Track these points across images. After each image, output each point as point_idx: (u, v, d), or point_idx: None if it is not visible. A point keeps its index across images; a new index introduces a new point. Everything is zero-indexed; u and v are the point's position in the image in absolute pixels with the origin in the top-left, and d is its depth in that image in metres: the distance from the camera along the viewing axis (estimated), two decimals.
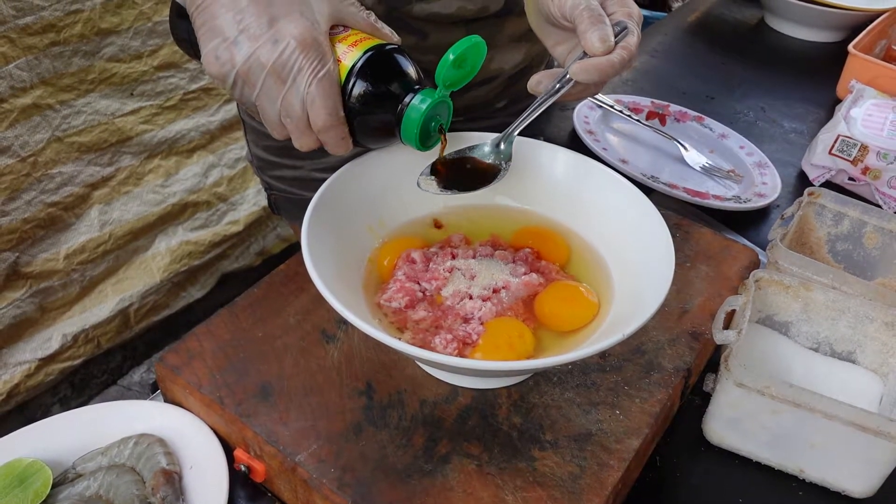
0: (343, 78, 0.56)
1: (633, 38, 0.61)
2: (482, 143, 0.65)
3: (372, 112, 0.57)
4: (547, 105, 0.62)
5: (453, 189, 0.62)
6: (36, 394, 1.70)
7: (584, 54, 0.60)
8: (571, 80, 0.60)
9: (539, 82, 0.63)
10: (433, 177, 0.63)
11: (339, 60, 0.56)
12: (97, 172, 1.67)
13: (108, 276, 1.78)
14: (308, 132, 0.56)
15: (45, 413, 1.67)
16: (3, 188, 1.50)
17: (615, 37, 0.60)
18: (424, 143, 0.60)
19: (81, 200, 1.67)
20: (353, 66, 0.56)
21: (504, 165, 0.64)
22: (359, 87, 0.56)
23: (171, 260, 1.85)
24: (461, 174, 0.64)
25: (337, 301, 0.50)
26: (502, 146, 0.64)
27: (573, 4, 0.61)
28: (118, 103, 1.65)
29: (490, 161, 0.64)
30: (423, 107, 0.57)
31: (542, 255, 0.64)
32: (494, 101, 0.93)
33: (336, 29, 0.57)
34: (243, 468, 0.56)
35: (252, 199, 1.99)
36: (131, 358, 1.92)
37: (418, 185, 0.62)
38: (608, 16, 0.61)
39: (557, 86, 0.61)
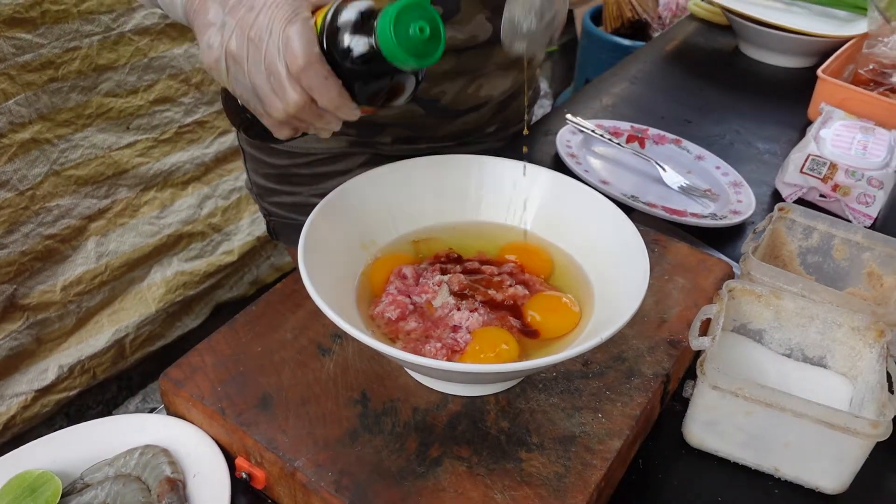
0: (319, 27, 0.54)
1: None
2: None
3: (350, 43, 0.54)
4: None
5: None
6: (31, 425, 1.71)
7: None
8: None
9: None
10: None
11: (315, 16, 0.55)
12: (94, 205, 1.71)
13: (104, 307, 1.80)
14: (291, 82, 0.55)
15: None
16: (1, 221, 1.53)
17: None
18: (413, 54, 0.53)
19: (78, 233, 1.70)
20: (329, 8, 0.54)
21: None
22: (333, 22, 0.54)
23: (166, 290, 1.88)
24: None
25: (332, 312, 0.53)
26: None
27: None
28: (115, 137, 1.69)
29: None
30: (392, 8, 0.53)
31: (526, 268, 0.67)
32: (485, 127, 0.98)
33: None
34: (244, 476, 0.59)
35: (246, 230, 2.03)
36: (126, 388, 1.94)
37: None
38: None
39: None
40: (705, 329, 0.67)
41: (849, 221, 0.92)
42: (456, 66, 0.87)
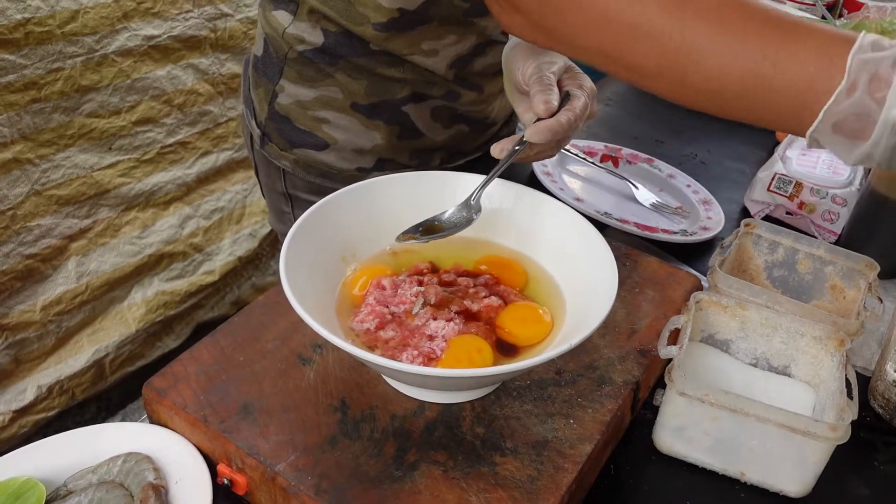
0: None
1: (577, 102, 0.70)
2: (450, 208, 0.71)
3: None
4: (506, 166, 0.70)
5: (430, 236, 0.68)
6: (9, 447, 1.70)
7: (539, 119, 0.69)
8: (527, 142, 0.69)
9: (502, 150, 0.70)
10: (410, 233, 0.69)
11: None
12: (75, 225, 1.71)
13: (84, 326, 1.80)
14: None
15: None
16: None
17: (562, 103, 0.69)
18: None
19: (59, 252, 1.70)
20: None
21: (475, 216, 0.70)
22: None
23: (146, 310, 1.88)
24: (434, 228, 0.70)
25: (313, 321, 0.55)
26: (472, 202, 0.70)
27: (530, 74, 0.71)
28: (96, 157, 1.70)
29: (459, 218, 0.70)
30: None
31: (501, 280, 0.69)
32: (501, 136, 1.04)
33: None
34: (226, 482, 0.60)
35: (227, 250, 2.04)
36: (106, 409, 1.93)
37: (397, 239, 0.68)
38: (563, 87, 0.72)
39: (516, 148, 0.69)
40: (674, 339, 0.69)
41: (814, 237, 0.95)
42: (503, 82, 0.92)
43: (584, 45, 0.59)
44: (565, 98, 0.71)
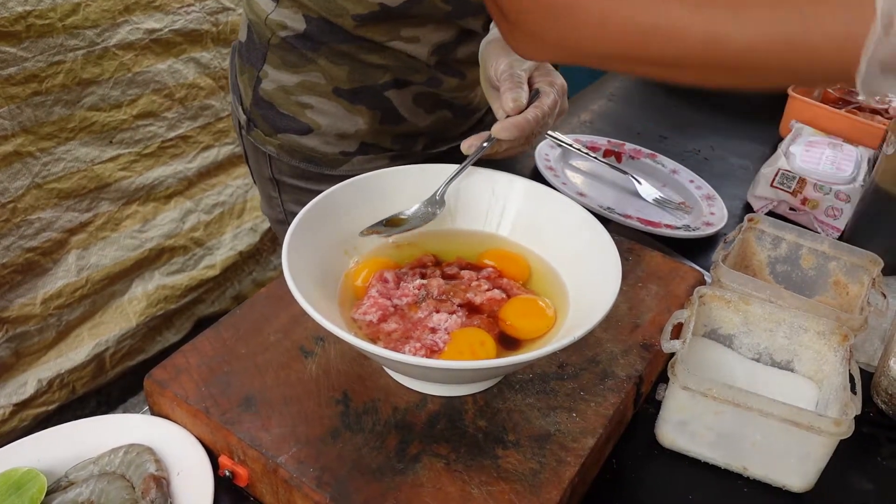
0: None
1: (546, 99, 0.71)
2: (414, 205, 0.71)
3: None
4: (473, 161, 0.71)
5: (393, 230, 0.69)
6: (9, 440, 1.70)
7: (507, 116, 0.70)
8: (494, 138, 0.69)
9: (470, 146, 0.71)
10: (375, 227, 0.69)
11: None
12: (75, 218, 1.71)
13: (85, 320, 1.80)
14: None
15: None
16: None
17: (531, 100, 0.70)
18: None
19: (59, 246, 1.70)
20: None
21: (438, 211, 0.71)
22: None
23: (147, 304, 1.88)
24: (399, 221, 0.71)
25: (316, 313, 0.55)
26: (437, 198, 0.71)
27: (502, 70, 0.72)
28: (97, 151, 1.70)
29: (425, 213, 0.71)
30: None
31: (504, 273, 0.69)
32: (486, 123, 1.04)
33: None
34: (228, 473, 0.60)
35: (228, 244, 2.03)
36: (106, 404, 1.93)
37: (361, 233, 0.68)
38: (534, 84, 0.73)
39: (484, 144, 0.70)
40: (677, 333, 0.69)
41: (818, 233, 0.95)
42: None
43: (602, 54, 0.56)
44: (535, 95, 0.72)
